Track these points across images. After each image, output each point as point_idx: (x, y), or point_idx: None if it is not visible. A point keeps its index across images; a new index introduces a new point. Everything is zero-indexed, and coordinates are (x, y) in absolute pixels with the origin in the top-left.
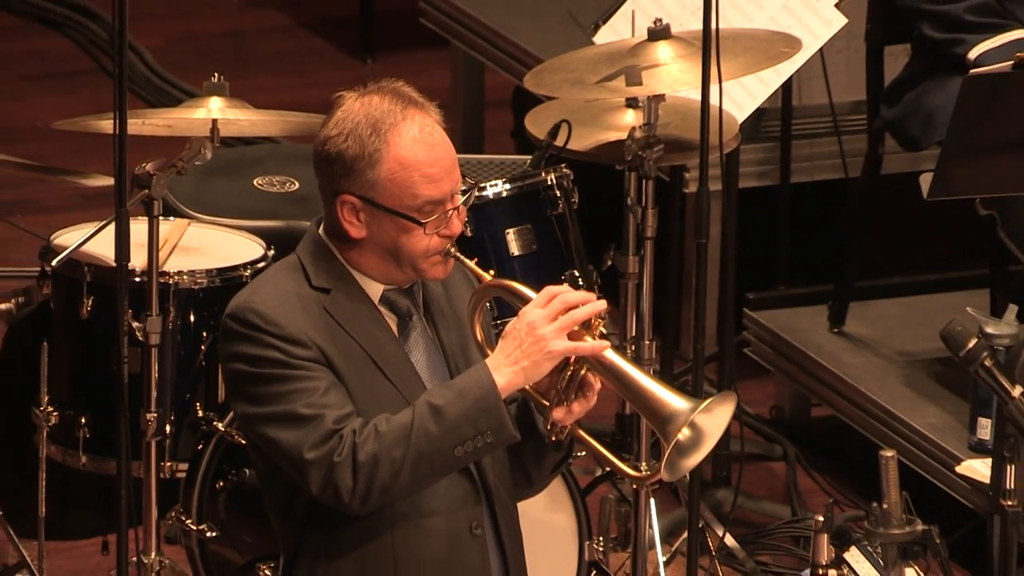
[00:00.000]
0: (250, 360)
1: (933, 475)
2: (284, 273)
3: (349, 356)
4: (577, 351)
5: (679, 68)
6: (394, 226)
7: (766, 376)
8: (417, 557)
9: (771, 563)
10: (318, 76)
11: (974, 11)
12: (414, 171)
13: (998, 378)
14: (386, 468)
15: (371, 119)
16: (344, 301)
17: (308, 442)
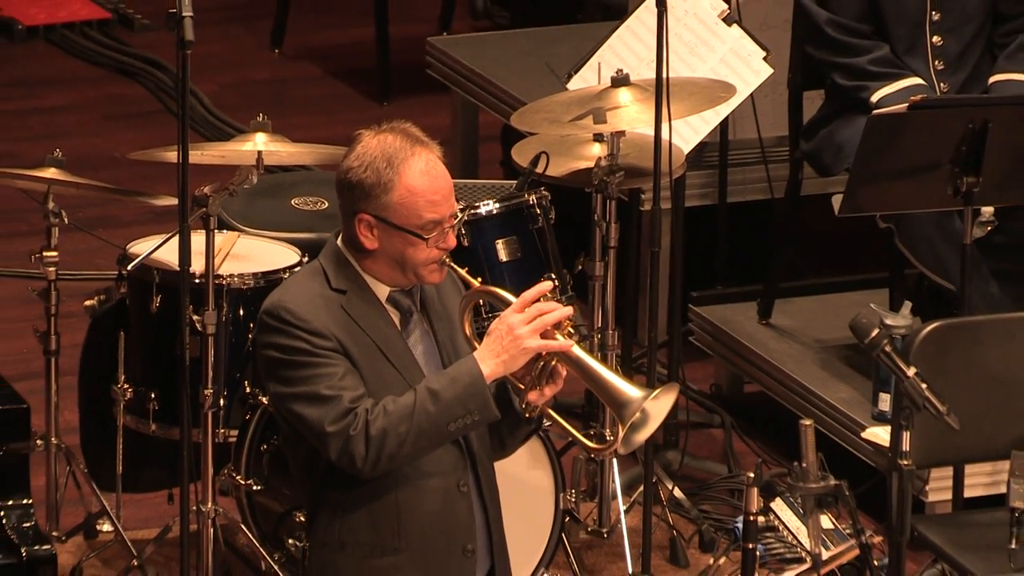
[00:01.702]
0: (282, 349)
1: (843, 440)
2: (309, 277)
3: (362, 347)
4: (548, 348)
5: (636, 109)
6: (402, 240)
7: (707, 359)
8: (416, 511)
9: (711, 511)
10: (343, 116)
11: (875, 63)
12: (420, 197)
13: (896, 361)
14: (393, 440)
15: (386, 154)
16: (358, 301)
17: (329, 418)
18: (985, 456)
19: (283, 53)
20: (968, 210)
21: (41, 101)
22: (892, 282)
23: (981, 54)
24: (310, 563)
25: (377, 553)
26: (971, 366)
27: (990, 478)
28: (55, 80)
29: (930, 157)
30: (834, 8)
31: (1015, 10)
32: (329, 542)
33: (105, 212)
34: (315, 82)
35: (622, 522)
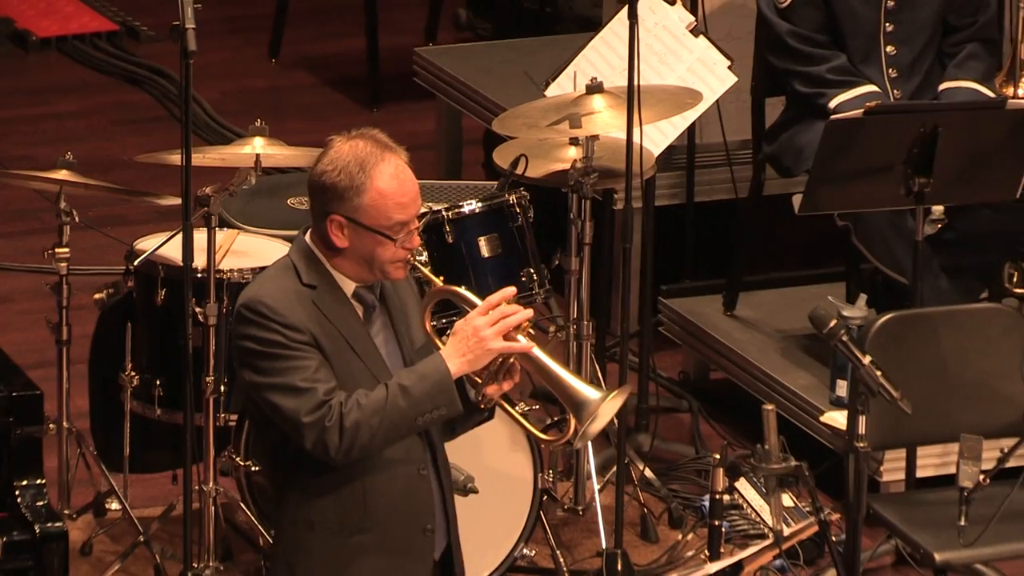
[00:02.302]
0: (259, 341)
1: (803, 423)
2: (281, 272)
3: (332, 340)
4: (510, 349)
5: (610, 115)
6: (371, 240)
7: (675, 348)
8: (381, 493)
9: (680, 490)
10: (336, 121)
11: (833, 71)
12: (389, 200)
13: (852, 350)
14: (365, 432)
15: (358, 159)
16: (327, 296)
17: (304, 409)
18: (936, 439)
19: (280, 63)
20: (920, 209)
21: (54, 107)
22: (849, 276)
23: (932, 63)
24: (279, 541)
25: (345, 533)
26: (922, 355)
27: (940, 459)
28: (67, 88)
29: (884, 159)
30: (794, 20)
31: (963, 22)
32: (299, 521)
33: (113, 211)
34: (309, 90)
35: (596, 500)
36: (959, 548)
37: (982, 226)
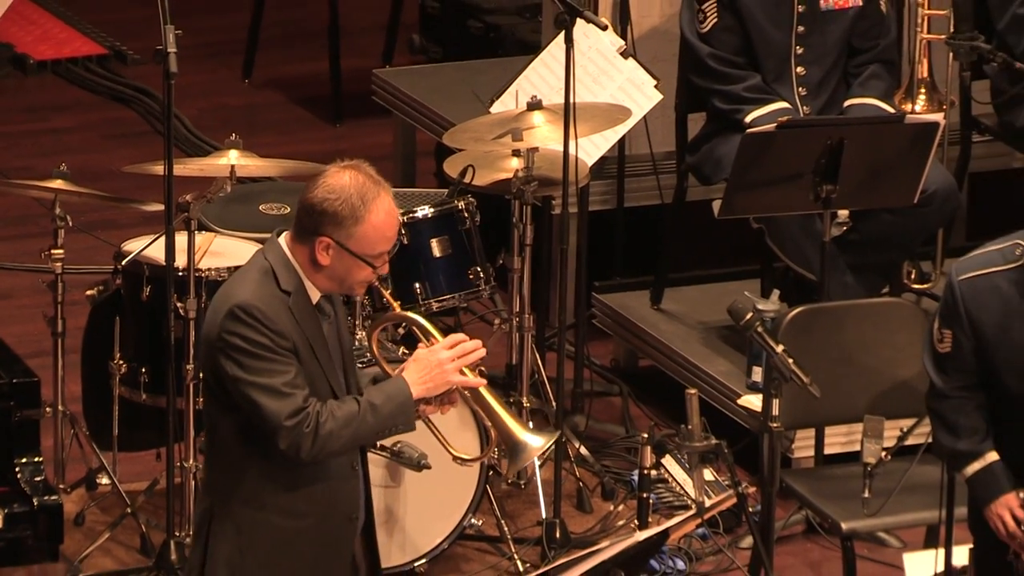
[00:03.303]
0: (249, 341)
1: (722, 406)
2: (263, 277)
3: (302, 345)
4: (466, 384)
5: (548, 129)
6: (352, 263)
7: (607, 338)
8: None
9: (611, 466)
10: (303, 135)
11: (749, 90)
12: (380, 233)
13: (766, 339)
14: (336, 441)
15: (360, 192)
16: (300, 304)
17: (285, 412)
18: (842, 419)
19: (252, 83)
20: (827, 213)
21: (49, 124)
22: (763, 273)
23: (838, 82)
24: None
25: (290, 517)
26: (830, 344)
27: (846, 438)
28: (61, 106)
29: (795, 169)
30: (714, 44)
31: (866, 45)
32: (251, 501)
33: (103, 217)
34: (279, 107)
35: (537, 475)
36: (863, 517)
37: (883, 228)
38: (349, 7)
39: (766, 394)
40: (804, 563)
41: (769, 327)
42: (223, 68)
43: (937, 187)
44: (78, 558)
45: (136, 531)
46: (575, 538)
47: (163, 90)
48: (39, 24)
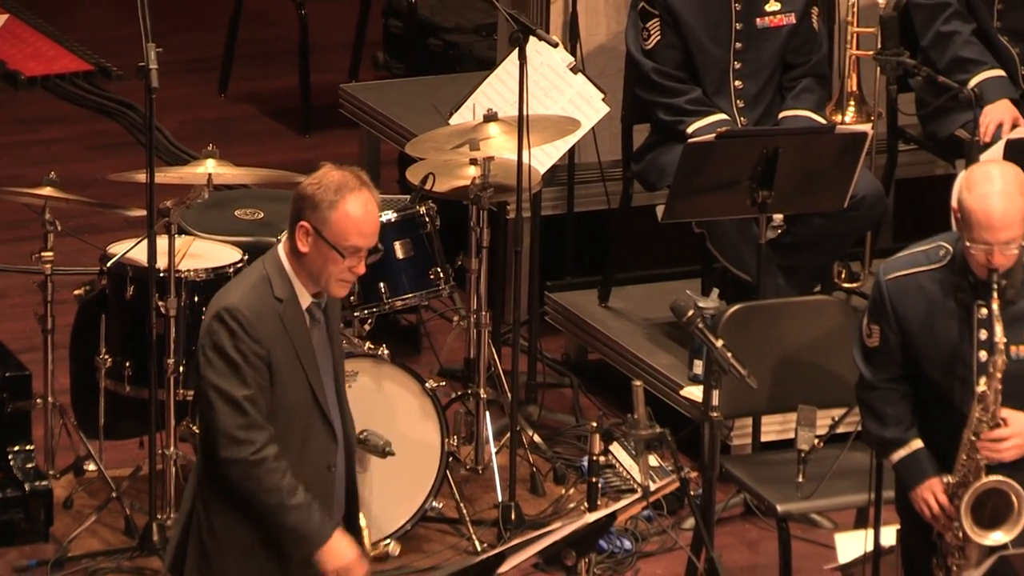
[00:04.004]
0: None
1: (666, 397)
2: (259, 283)
3: (285, 350)
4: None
5: (503, 139)
6: (327, 253)
7: (559, 334)
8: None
9: (563, 452)
10: (275, 146)
11: (690, 102)
12: (351, 223)
13: (707, 335)
14: (258, 493)
15: (340, 183)
16: (290, 309)
17: (238, 424)
18: (777, 409)
19: (228, 97)
20: (763, 217)
21: (39, 135)
22: (703, 274)
23: (773, 95)
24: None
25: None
26: (765, 339)
27: (781, 426)
28: (50, 118)
29: (733, 176)
30: (657, 60)
31: (799, 60)
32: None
33: (89, 221)
34: (253, 119)
35: (493, 461)
36: (797, 500)
37: (815, 231)
38: (318, 26)
39: (706, 385)
40: (742, 543)
41: (709, 323)
42: (201, 83)
43: (865, 193)
44: (67, 539)
45: (121, 514)
46: (529, 520)
47: (145, 104)
48: (30, 42)
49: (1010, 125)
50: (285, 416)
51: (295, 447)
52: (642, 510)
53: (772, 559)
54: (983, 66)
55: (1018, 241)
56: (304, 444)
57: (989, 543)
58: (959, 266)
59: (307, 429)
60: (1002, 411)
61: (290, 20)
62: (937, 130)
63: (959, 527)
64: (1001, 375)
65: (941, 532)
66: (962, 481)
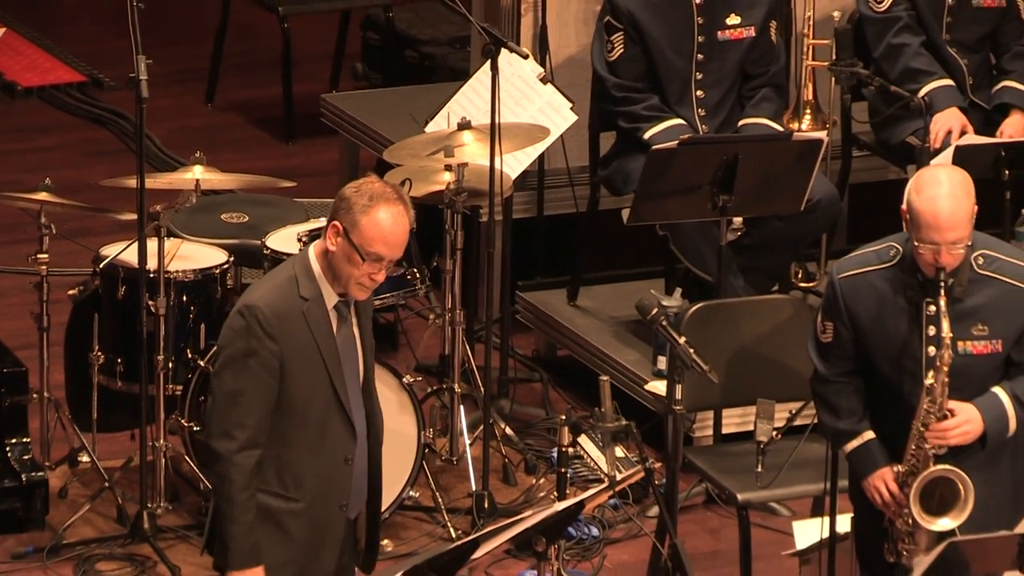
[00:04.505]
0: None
1: (631, 391)
2: (287, 282)
3: (305, 347)
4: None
5: (477, 147)
6: (350, 254)
7: (529, 331)
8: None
9: (533, 444)
10: (259, 152)
11: (647, 109)
12: (378, 231)
13: (670, 332)
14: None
15: (377, 192)
16: (314, 309)
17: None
18: (737, 402)
19: (214, 106)
20: (723, 220)
21: (35, 143)
22: (666, 274)
23: (733, 104)
24: None
25: (282, 499)
26: (725, 336)
27: (741, 419)
28: (46, 127)
29: (695, 181)
30: (619, 71)
31: (758, 71)
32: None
33: (83, 225)
34: (238, 127)
35: (467, 452)
36: (756, 489)
37: (773, 233)
38: (300, 39)
39: (670, 380)
40: (704, 530)
41: (672, 321)
42: (188, 93)
43: (821, 196)
44: (62, 527)
45: (113, 503)
46: (501, 508)
47: (136, 113)
48: (26, 55)
49: (959, 132)
50: (301, 409)
51: (311, 438)
52: (609, 499)
53: (733, 545)
54: (932, 76)
55: (964, 241)
56: (322, 437)
57: (937, 528)
58: (908, 265)
59: (325, 423)
60: (949, 403)
61: (273, 33)
62: (889, 137)
63: (909, 514)
64: (948, 368)
65: (892, 519)
66: (911, 470)
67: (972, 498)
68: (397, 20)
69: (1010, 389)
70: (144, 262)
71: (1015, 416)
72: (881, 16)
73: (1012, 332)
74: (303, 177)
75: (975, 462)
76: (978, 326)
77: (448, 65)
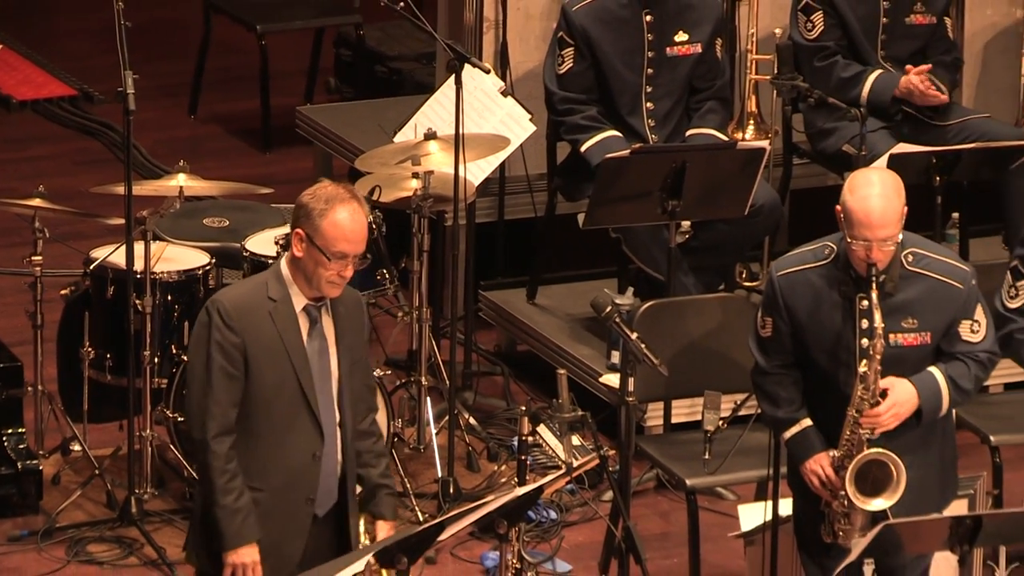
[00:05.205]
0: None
1: (587, 383)
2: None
3: (271, 345)
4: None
5: (442, 155)
6: (317, 257)
7: (491, 328)
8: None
9: (495, 433)
10: (239, 161)
11: (585, 119)
12: (338, 231)
13: (623, 328)
14: (201, 480)
15: (331, 195)
16: (282, 309)
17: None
18: (686, 394)
19: (197, 118)
20: (672, 223)
21: (29, 152)
22: (620, 274)
23: (681, 115)
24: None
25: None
26: (675, 332)
27: (689, 409)
28: (39, 137)
29: (646, 187)
30: (567, 83)
31: (704, 85)
32: None
33: (74, 229)
34: (219, 138)
35: (434, 441)
36: (704, 475)
37: (719, 236)
38: (276, 55)
39: (623, 373)
40: (655, 513)
41: (625, 318)
42: (173, 106)
43: (764, 202)
44: (55, 511)
45: (103, 489)
46: (466, 493)
47: (123, 124)
48: (20, 70)
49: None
50: (266, 403)
51: (277, 432)
52: (566, 484)
53: (682, 528)
54: (866, 72)
55: (894, 239)
56: (288, 431)
57: (872, 508)
58: (843, 263)
59: (291, 418)
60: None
61: (252, 50)
62: (827, 146)
63: (845, 496)
64: (880, 358)
65: (828, 501)
66: (846, 454)
67: (904, 479)
68: (367, 37)
69: (945, 371)
70: (131, 264)
71: (948, 395)
72: (809, 44)
73: (940, 325)
74: (280, 184)
75: (907, 447)
76: (908, 319)
77: (415, 79)
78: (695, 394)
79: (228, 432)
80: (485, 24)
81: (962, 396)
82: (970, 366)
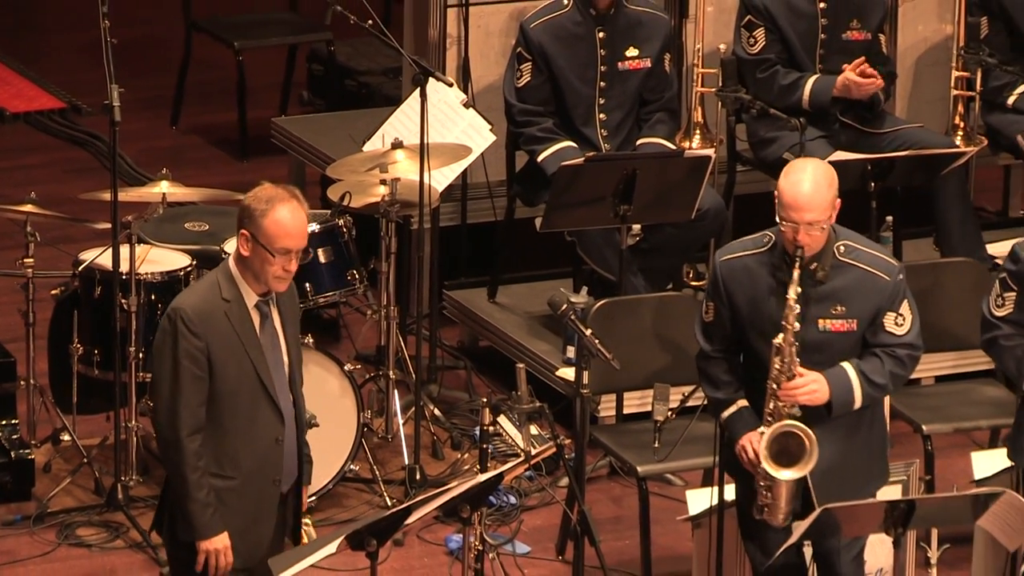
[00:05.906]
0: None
1: (544, 377)
2: (210, 286)
3: (230, 344)
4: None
5: (408, 163)
6: (263, 255)
7: (455, 325)
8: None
9: (459, 423)
10: (217, 169)
11: (541, 131)
12: (280, 228)
13: (578, 325)
14: (171, 476)
15: (271, 196)
16: (236, 308)
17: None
18: (637, 386)
19: (178, 129)
20: (624, 227)
21: (21, 161)
22: (575, 274)
23: (632, 125)
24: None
25: (219, 477)
26: (627, 328)
27: (640, 400)
28: (31, 147)
29: (599, 192)
30: (525, 95)
31: (653, 97)
32: None
33: (64, 233)
34: (199, 147)
35: (401, 431)
36: (654, 462)
37: (667, 239)
38: (253, 70)
39: (578, 367)
40: (608, 498)
41: (580, 315)
42: (156, 118)
43: (709, 206)
44: (46, 498)
45: (91, 477)
46: (431, 479)
47: (109, 135)
48: (13, 84)
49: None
50: (230, 397)
51: (242, 423)
52: (525, 471)
53: (633, 512)
54: (805, 76)
55: (820, 224)
56: (252, 421)
57: (782, 477)
58: (779, 250)
59: (254, 409)
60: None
61: (229, 65)
62: (768, 154)
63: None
64: (793, 330)
65: (754, 475)
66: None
67: (816, 452)
68: (338, 53)
69: (858, 366)
70: (118, 265)
71: (861, 391)
72: (753, 58)
73: (867, 314)
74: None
75: (834, 434)
76: (837, 307)
77: (383, 92)
78: (645, 386)
79: (199, 430)
80: (448, 40)
81: (877, 390)
82: (884, 361)
